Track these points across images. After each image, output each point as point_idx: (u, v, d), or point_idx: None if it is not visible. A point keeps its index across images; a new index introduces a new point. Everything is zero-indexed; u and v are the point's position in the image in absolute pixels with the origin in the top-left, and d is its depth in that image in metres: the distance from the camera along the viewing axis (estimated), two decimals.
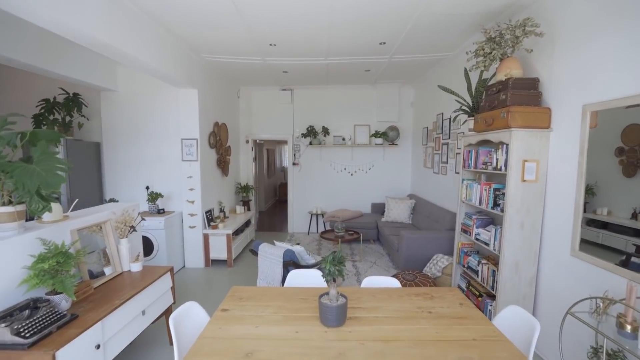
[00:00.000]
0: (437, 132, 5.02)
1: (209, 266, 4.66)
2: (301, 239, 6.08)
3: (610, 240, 2.02)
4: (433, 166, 5.19)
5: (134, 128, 4.54)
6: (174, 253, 4.37)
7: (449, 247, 4.00)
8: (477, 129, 3.01)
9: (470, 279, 3.31)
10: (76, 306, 1.95)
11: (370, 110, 6.38)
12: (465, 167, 3.36)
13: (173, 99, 4.46)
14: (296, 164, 6.55)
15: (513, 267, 2.61)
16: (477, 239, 3.10)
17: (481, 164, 3.05)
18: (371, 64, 4.77)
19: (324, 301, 1.62)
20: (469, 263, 3.28)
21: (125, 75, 4.48)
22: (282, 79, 5.72)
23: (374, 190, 6.56)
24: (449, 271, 3.69)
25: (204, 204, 4.65)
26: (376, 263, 4.75)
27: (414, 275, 3.41)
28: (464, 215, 3.44)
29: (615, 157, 1.98)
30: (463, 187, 3.39)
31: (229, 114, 5.80)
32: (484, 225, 3.12)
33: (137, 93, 4.50)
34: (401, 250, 4.10)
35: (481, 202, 3.01)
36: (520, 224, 2.57)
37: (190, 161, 4.47)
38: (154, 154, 4.57)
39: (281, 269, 3.00)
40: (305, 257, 3.27)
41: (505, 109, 2.50)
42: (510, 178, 2.52)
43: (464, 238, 3.49)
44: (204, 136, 4.66)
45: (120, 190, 4.60)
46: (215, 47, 4.04)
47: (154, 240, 4.12)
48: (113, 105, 4.51)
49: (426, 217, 4.94)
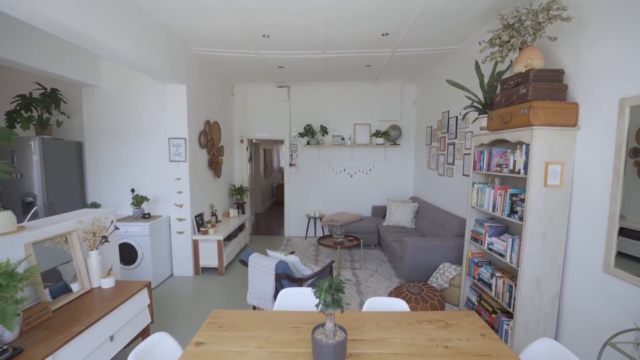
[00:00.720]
0: (442, 132, 4.73)
1: (199, 274, 4.36)
2: (298, 245, 5.78)
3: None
4: (438, 167, 4.90)
5: (118, 126, 4.23)
6: (161, 261, 4.07)
7: (456, 256, 3.70)
8: (491, 128, 2.71)
9: (482, 292, 3.01)
10: (26, 335, 1.65)
11: (371, 109, 6.08)
12: (476, 169, 3.07)
13: (160, 95, 4.16)
14: (293, 165, 6.25)
15: (533, 282, 2.31)
16: (490, 248, 2.81)
17: (495, 166, 2.75)
18: (373, 59, 4.47)
19: (318, 337, 1.32)
20: (480, 275, 2.99)
21: (109, 70, 4.17)
22: (278, 75, 5.42)
23: (375, 192, 6.26)
24: (457, 282, 3.40)
25: (194, 208, 4.34)
26: (377, 271, 4.45)
27: (420, 288, 3.12)
28: (474, 221, 3.15)
29: (629, 159, 1.84)
30: (473, 191, 3.09)
31: (222, 112, 5.50)
32: (497, 233, 2.82)
33: (122, 89, 4.19)
34: (405, 258, 3.80)
35: (495, 209, 2.71)
36: (542, 234, 2.27)
37: (179, 162, 4.16)
38: (140, 155, 4.27)
39: (273, 283, 2.70)
40: (300, 268, 2.97)
41: (526, 105, 2.20)
42: (531, 182, 2.23)
43: (474, 247, 3.19)
44: (194, 135, 4.36)
45: (104, 193, 4.30)
46: (204, 39, 3.74)
47: (138, 248, 3.81)
48: (95, 102, 4.20)
49: (430, 221, 4.64)
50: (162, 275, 4.11)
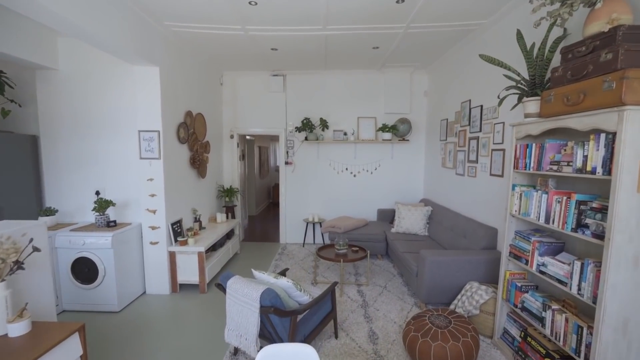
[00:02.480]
0: (461, 124, 4.06)
1: (177, 292, 3.69)
2: (294, 254, 5.11)
3: None
4: (456, 166, 4.24)
5: (80, 117, 3.56)
6: (129, 277, 3.40)
7: (485, 274, 3.05)
8: (547, 113, 2.05)
9: (528, 325, 2.35)
10: None
11: (377, 100, 5.41)
12: (518, 167, 2.41)
13: (130, 80, 3.49)
14: (289, 163, 5.58)
15: (619, 326, 1.66)
16: (541, 271, 2.15)
17: (548, 163, 2.10)
18: (382, 38, 3.80)
19: None
20: (524, 303, 2.33)
21: (68, 50, 3.49)
22: (271, 61, 4.74)
23: (381, 194, 5.59)
24: (490, 309, 2.74)
25: (170, 214, 3.67)
26: (387, 288, 3.79)
27: (446, 319, 2.46)
28: (514, 234, 2.49)
29: None
30: (514, 195, 2.43)
31: (208, 103, 4.83)
32: (552, 252, 2.16)
33: (84, 72, 3.52)
34: (422, 275, 3.15)
35: (550, 220, 2.05)
36: (632, 258, 1.61)
37: (151, 159, 3.50)
38: (107, 151, 3.60)
39: (257, 319, 2.03)
40: (294, 295, 2.31)
41: (615, 75, 1.54)
42: (619, 186, 1.57)
43: (514, 265, 2.54)
44: (170, 128, 3.69)
45: (65, 196, 3.62)
46: (179, 10, 3.07)
47: (99, 263, 3.14)
48: (52, 88, 3.53)
49: (448, 229, 3.98)
50: (131, 295, 3.44)
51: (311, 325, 2.40)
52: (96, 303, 3.21)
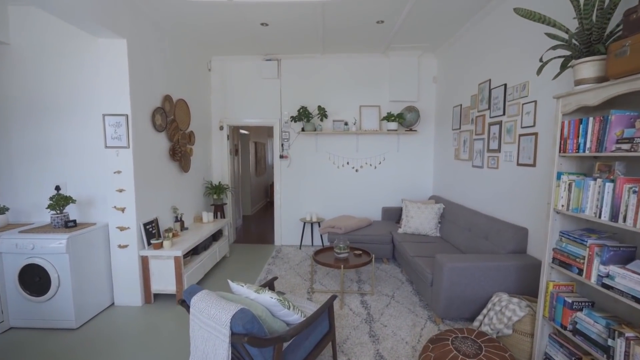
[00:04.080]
0: (479, 109, 3.54)
1: (150, 303, 3.18)
2: (290, 257, 4.59)
3: None
4: (472, 157, 3.71)
5: (36, 99, 3.06)
6: (90, 287, 2.88)
7: (515, 283, 2.52)
8: (618, 71, 1.53)
9: (583, 354, 1.82)
10: None
11: (382, 87, 4.89)
12: (566, 150, 1.88)
13: (94, 55, 2.99)
14: (284, 157, 5.06)
15: None
16: (604, 284, 1.62)
17: (614, 141, 1.58)
18: (387, 8, 3.28)
19: None
20: (577, 323, 1.81)
21: (20, 20, 2.99)
22: (263, 41, 4.23)
23: (386, 190, 5.07)
24: (526, 328, 2.21)
25: (142, 212, 3.16)
26: (395, 297, 3.26)
27: (476, 344, 1.93)
28: (559, 235, 1.97)
29: None
30: (560, 186, 1.91)
31: (192, 90, 4.32)
32: (620, 259, 1.63)
33: (40, 46, 3.02)
34: (439, 285, 2.62)
35: (615, 217, 1.53)
36: None
37: (118, 148, 2.99)
38: (68, 139, 3.10)
39: (228, 350, 1.51)
40: (280, 314, 1.79)
41: None
42: None
43: (558, 275, 2.01)
44: (143, 113, 3.18)
45: (19, 192, 3.12)
46: None
47: (52, 271, 2.63)
48: (3, 66, 3.03)
49: (465, 229, 3.45)
50: (94, 307, 2.93)
51: (303, 353, 1.88)
52: (49, 319, 2.69)
